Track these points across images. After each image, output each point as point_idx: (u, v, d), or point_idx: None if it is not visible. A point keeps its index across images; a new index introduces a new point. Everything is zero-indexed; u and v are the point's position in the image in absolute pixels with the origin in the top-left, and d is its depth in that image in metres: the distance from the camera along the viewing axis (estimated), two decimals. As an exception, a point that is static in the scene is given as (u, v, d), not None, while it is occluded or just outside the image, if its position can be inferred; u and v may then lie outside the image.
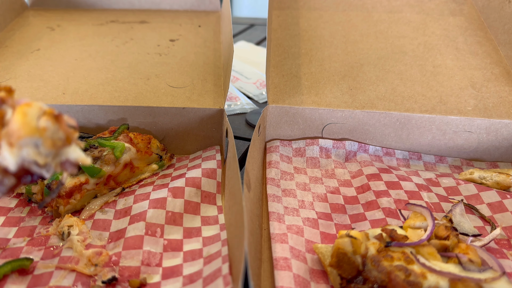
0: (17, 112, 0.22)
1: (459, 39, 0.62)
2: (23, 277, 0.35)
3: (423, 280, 0.31)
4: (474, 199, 0.45)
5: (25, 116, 0.22)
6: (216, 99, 0.53)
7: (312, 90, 0.55)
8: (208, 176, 0.47)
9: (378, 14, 0.67)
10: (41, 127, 0.22)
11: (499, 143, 0.52)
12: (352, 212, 0.45)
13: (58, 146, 0.23)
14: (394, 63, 0.59)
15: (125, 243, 0.38)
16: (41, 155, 0.23)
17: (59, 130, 0.23)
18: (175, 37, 0.67)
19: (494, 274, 0.31)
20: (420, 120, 0.52)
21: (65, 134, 0.23)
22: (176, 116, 0.52)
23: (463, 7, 0.68)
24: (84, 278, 0.35)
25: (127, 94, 0.54)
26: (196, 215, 0.43)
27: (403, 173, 0.49)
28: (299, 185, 0.48)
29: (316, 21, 0.66)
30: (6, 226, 0.41)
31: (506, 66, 0.58)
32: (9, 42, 0.64)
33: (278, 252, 0.37)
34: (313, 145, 0.54)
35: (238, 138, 0.63)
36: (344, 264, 0.34)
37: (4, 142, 0.22)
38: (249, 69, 0.86)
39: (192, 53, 0.63)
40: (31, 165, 0.23)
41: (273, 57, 0.60)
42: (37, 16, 0.74)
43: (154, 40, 0.66)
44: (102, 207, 0.44)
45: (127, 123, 0.52)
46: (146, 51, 0.63)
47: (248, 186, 0.37)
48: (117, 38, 0.67)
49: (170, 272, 0.36)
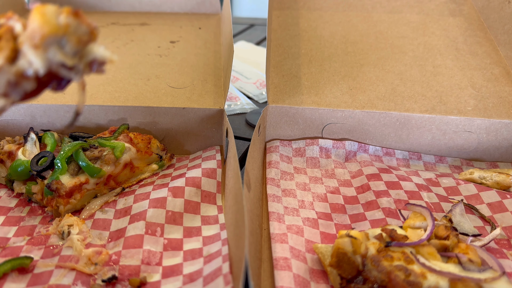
0: (34, 13, 0.21)
1: (459, 39, 0.62)
2: (23, 275, 0.35)
3: (423, 280, 0.31)
4: (474, 199, 0.45)
5: (44, 15, 0.21)
6: (216, 99, 0.53)
7: (312, 90, 0.55)
8: (208, 176, 0.47)
9: (378, 15, 0.67)
10: (63, 23, 0.21)
11: (499, 143, 0.52)
12: (352, 212, 0.45)
13: (84, 42, 0.22)
14: (394, 63, 0.59)
15: (125, 242, 0.38)
16: (68, 55, 0.22)
17: (82, 24, 0.22)
18: (176, 39, 0.68)
19: (494, 274, 0.31)
20: (420, 120, 0.52)
21: (88, 28, 0.22)
22: (176, 116, 0.52)
23: (463, 7, 0.68)
24: (84, 277, 0.35)
25: (127, 94, 0.54)
26: (196, 214, 0.43)
27: (403, 173, 0.49)
28: (299, 185, 0.48)
29: (316, 22, 0.66)
30: (6, 225, 0.41)
31: (506, 66, 0.58)
32: (10, 43, 0.65)
33: (278, 252, 0.37)
34: (313, 145, 0.54)
35: (238, 138, 0.63)
36: (344, 264, 0.34)
37: (27, 45, 0.21)
38: (249, 69, 0.87)
39: (192, 54, 0.63)
40: (59, 68, 0.22)
41: (273, 57, 0.60)
42: (38, 17, 0.74)
43: (154, 42, 0.66)
44: (102, 207, 0.44)
45: (127, 123, 0.52)
46: (146, 52, 0.63)
47: (248, 186, 0.37)
48: (118, 39, 0.67)
49: (170, 271, 0.36)
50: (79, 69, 0.22)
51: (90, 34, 0.22)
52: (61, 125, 0.53)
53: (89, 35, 0.22)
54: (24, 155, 0.45)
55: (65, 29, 0.21)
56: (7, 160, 0.46)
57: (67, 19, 0.21)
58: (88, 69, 0.23)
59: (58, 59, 0.21)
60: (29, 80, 0.22)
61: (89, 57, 0.23)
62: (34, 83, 0.22)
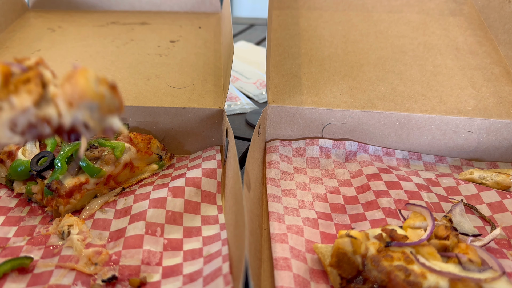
0: (79, 75, 0.23)
1: (459, 39, 0.62)
2: (23, 275, 0.35)
3: (423, 280, 0.31)
4: (474, 199, 0.45)
5: (87, 81, 0.23)
6: (216, 99, 0.53)
7: (312, 90, 0.55)
8: (208, 176, 0.47)
9: (378, 14, 0.67)
10: (101, 93, 0.24)
11: (499, 143, 0.52)
12: (352, 212, 0.45)
13: (112, 113, 0.24)
14: (394, 63, 0.59)
15: (125, 242, 0.38)
16: (93, 119, 0.24)
17: (115, 98, 0.24)
18: (176, 38, 0.67)
19: (494, 274, 0.31)
20: (420, 120, 0.52)
21: (119, 103, 0.25)
22: (176, 116, 0.52)
23: (463, 7, 0.68)
24: (84, 277, 0.35)
25: (127, 94, 0.54)
26: (196, 214, 0.43)
27: (403, 173, 0.49)
28: (299, 185, 0.48)
29: (316, 21, 0.66)
30: (6, 225, 0.41)
31: (506, 66, 0.58)
32: (9, 43, 0.65)
33: (278, 252, 0.37)
34: (313, 145, 0.54)
35: (238, 138, 0.63)
36: (344, 264, 0.34)
37: (63, 99, 0.23)
38: (249, 69, 0.87)
39: (192, 54, 0.63)
40: (80, 125, 0.24)
41: (273, 57, 0.60)
42: (38, 17, 0.74)
43: (154, 41, 0.66)
44: (102, 207, 0.44)
45: (127, 123, 0.52)
46: (146, 52, 0.63)
47: (248, 186, 0.37)
48: (118, 39, 0.67)
49: (170, 271, 0.36)
50: (95, 130, 0.25)
51: (119, 109, 0.25)
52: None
53: (117, 109, 0.25)
54: (24, 155, 0.45)
55: (100, 98, 0.24)
56: (7, 160, 0.46)
57: (104, 90, 0.24)
58: (101, 132, 0.25)
59: (84, 119, 0.24)
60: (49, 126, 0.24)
61: (107, 124, 0.25)
62: (52, 129, 0.24)
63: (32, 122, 0.23)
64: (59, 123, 0.24)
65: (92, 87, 0.23)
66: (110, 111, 0.24)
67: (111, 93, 0.24)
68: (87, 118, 0.24)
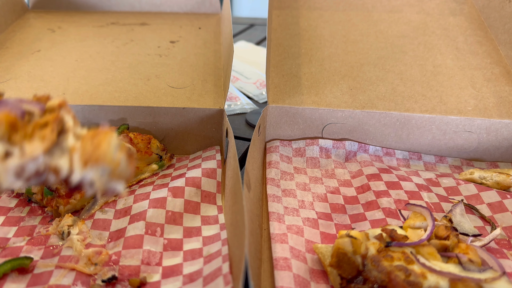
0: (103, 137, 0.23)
1: (459, 38, 0.62)
2: (23, 276, 0.35)
3: (423, 280, 0.31)
4: (474, 199, 0.45)
5: (109, 146, 0.23)
6: (216, 99, 0.53)
7: (312, 90, 0.55)
8: (208, 176, 0.47)
9: (378, 14, 0.67)
10: (117, 160, 0.24)
11: (499, 143, 0.52)
12: (352, 212, 0.45)
13: (120, 179, 0.25)
14: (394, 63, 0.59)
15: (125, 242, 0.38)
16: (101, 181, 0.24)
17: (128, 167, 0.25)
18: (176, 39, 0.67)
19: (494, 274, 0.31)
20: (420, 120, 0.52)
21: (131, 171, 0.25)
22: (176, 116, 0.52)
23: (463, 6, 0.68)
24: (84, 277, 0.35)
25: (127, 94, 0.54)
26: (196, 214, 0.43)
27: (403, 173, 0.49)
28: (299, 185, 0.48)
29: (316, 21, 0.66)
30: (6, 225, 0.41)
31: (506, 66, 0.58)
32: (9, 43, 0.65)
33: (278, 252, 0.37)
34: (313, 145, 0.54)
35: (238, 138, 0.63)
36: (344, 264, 0.34)
37: (78, 157, 0.23)
38: (249, 69, 0.87)
39: (192, 54, 0.63)
40: (87, 183, 0.24)
41: (273, 57, 0.60)
42: (38, 17, 0.74)
43: (154, 42, 0.66)
44: (102, 207, 0.44)
45: (127, 123, 0.52)
46: (146, 52, 0.63)
47: (248, 186, 0.37)
48: (118, 39, 0.67)
49: (170, 271, 0.36)
50: (98, 189, 0.25)
51: (128, 177, 0.25)
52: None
53: (126, 178, 0.25)
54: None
55: (115, 165, 0.24)
56: (7, 160, 0.46)
57: (121, 158, 0.24)
58: (103, 191, 0.25)
59: (92, 179, 0.24)
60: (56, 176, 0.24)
61: (111, 186, 0.25)
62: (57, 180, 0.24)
63: (40, 170, 0.23)
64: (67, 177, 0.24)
65: (112, 153, 0.23)
66: (120, 178, 0.24)
67: (126, 161, 0.24)
68: (96, 179, 0.24)
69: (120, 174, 0.24)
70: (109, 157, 0.23)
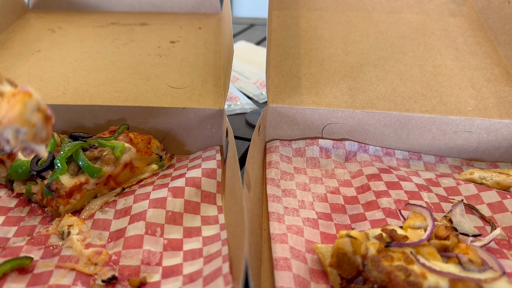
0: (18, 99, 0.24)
1: (459, 39, 0.62)
2: (22, 275, 0.35)
3: (423, 280, 0.31)
4: (474, 199, 0.45)
5: (24, 107, 0.24)
6: (216, 99, 0.53)
7: (312, 90, 0.55)
8: (208, 176, 0.47)
9: (378, 15, 0.67)
10: (32, 122, 0.24)
11: (499, 143, 0.52)
12: (352, 212, 0.45)
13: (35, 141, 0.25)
14: (394, 63, 0.59)
15: (125, 242, 0.38)
16: (17, 139, 0.25)
17: (44, 130, 0.25)
18: (176, 39, 0.68)
19: (494, 274, 0.31)
20: (420, 120, 0.52)
21: (46, 135, 0.26)
22: (176, 116, 0.52)
23: (462, 7, 0.68)
24: (84, 277, 0.35)
25: (127, 94, 0.54)
26: (196, 214, 0.43)
27: (403, 173, 0.49)
28: (299, 185, 0.48)
29: (316, 22, 0.66)
30: (6, 225, 0.41)
31: (506, 66, 0.58)
32: (10, 44, 0.65)
33: (278, 252, 0.37)
34: (313, 145, 0.54)
35: (238, 138, 0.63)
36: (344, 264, 0.34)
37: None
38: (249, 69, 0.87)
39: (192, 54, 0.63)
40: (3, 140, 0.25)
41: (273, 57, 0.60)
42: (38, 18, 0.74)
43: (154, 42, 0.66)
44: (102, 207, 0.44)
45: (127, 123, 0.52)
46: (146, 52, 0.63)
47: (248, 186, 0.37)
48: (118, 39, 0.67)
49: (170, 271, 0.36)
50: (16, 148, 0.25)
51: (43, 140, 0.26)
52: (61, 125, 0.53)
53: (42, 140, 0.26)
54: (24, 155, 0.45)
55: (31, 126, 0.24)
56: (7, 160, 0.46)
57: (37, 120, 0.25)
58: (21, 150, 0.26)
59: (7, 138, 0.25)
60: None
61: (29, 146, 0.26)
62: None
63: None
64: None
65: (26, 115, 0.24)
66: (35, 140, 0.25)
67: (43, 124, 0.25)
68: (12, 137, 0.24)
69: (36, 136, 0.25)
70: (24, 118, 0.24)
